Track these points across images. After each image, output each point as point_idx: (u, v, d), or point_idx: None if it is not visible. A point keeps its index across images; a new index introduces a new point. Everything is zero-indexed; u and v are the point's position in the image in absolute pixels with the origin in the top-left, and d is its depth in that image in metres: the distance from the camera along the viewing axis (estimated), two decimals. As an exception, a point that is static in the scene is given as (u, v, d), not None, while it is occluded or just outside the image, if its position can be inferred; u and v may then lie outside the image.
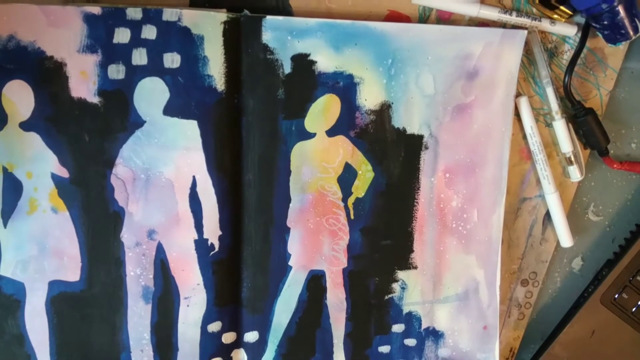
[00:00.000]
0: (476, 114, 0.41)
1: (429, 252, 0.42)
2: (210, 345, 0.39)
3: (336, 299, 0.41)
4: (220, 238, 0.38)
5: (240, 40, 0.37)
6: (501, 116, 0.41)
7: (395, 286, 0.42)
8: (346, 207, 0.40)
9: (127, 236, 0.37)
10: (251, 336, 0.40)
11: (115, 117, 0.36)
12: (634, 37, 0.39)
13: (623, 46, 0.42)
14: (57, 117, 0.35)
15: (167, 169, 0.37)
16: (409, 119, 0.40)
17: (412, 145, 0.40)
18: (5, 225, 0.36)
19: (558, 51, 0.42)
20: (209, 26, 0.36)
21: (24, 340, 0.37)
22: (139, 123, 0.36)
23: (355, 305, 0.42)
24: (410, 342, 0.43)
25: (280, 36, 0.37)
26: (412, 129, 0.40)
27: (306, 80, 0.38)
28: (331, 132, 0.39)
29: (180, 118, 0.36)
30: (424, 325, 0.43)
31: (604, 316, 0.43)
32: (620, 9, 0.37)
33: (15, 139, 0.35)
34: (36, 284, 0.37)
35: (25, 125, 0.35)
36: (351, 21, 0.38)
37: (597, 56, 0.43)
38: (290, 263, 0.40)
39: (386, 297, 0.42)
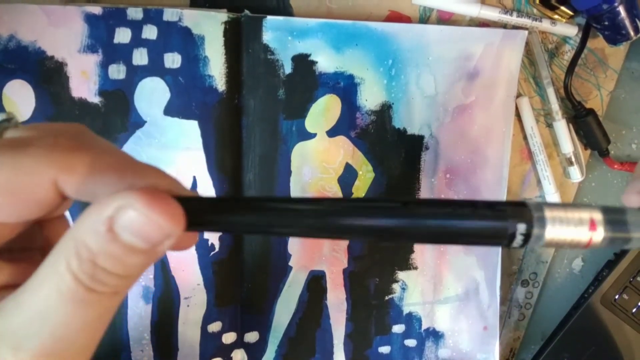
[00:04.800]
0: (477, 114, 0.41)
1: (429, 252, 0.42)
2: (211, 346, 0.39)
3: (336, 300, 0.41)
4: (221, 238, 0.38)
5: (241, 41, 0.37)
6: (502, 117, 0.41)
7: (396, 287, 0.42)
8: (346, 208, 0.40)
9: (127, 236, 0.37)
10: (251, 336, 0.40)
11: (115, 117, 0.36)
12: (634, 38, 0.39)
13: (624, 46, 0.42)
14: (57, 117, 0.35)
15: (167, 169, 0.37)
16: (410, 119, 0.40)
17: (413, 145, 0.40)
18: (5, 225, 0.36)
19: (559, 52, 0.42)
20: (209, 26, 0.36)
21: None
22: (140, 123, 0.36)
23: (356, 306, 0.41)
24: (411, 342, 0.43)
25: (281, 36, 0.37)
26: (413, 129, 0.40)
27: (307, 81, 0.38)
28: (332, 133, 0.39)
29: (181, 118, 0.36)
30: (424, 326, 0.43)
31: (604, 317, 0.43)
32: (621, 9, 0.37)
33: (16, 138, 0.35)
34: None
35: (26, 125, 0.35)
36: (352, 21, 0.38)
37: (597, 56, 0.43)
38: (290, 263, 0.40)
39: (386, 298, 0.42)
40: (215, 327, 0.39)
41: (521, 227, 0.15)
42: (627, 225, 0.16)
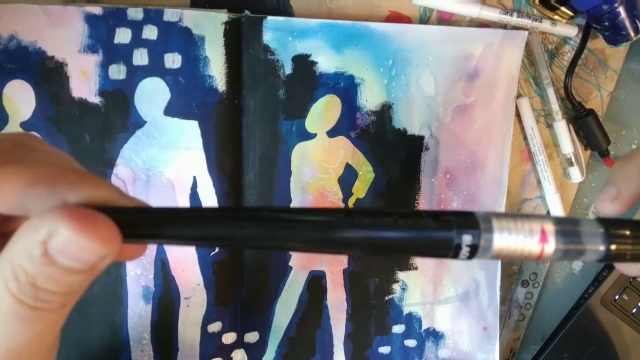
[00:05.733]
0: (477, 114, 0.41)
1: (430, 252, 0.42)
2: (211, 346, 0.39)
3: (336, 300, 0.41)
4: (221, 238, 0.38)
5: (241, 41, 0.37)
6: (502, 117, 0.41)
7: (396, 287, 0.42)
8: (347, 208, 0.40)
9: (127, 236, 0.37)
10: (251, 336, 0.40)
11: (116, 117, 0.36)
12: (634, 38, 0.39)
13: (624, 47, 0.42)
14: (58, 117, 0.35)
15: (167, 169, 0.37)
16: (410, 119, 0.40)
17: (413, 146, 0.40)
18: (5, 225, 0.36)
19: (559, 52, 0.42)
20: (209, 26, 0.36)
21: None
22: (140, 123, 0.36)
23: (356, 306, 0.41)
24: (411, 342, 0.43)
25: (281, 37, 0.37)
26: (413, 129, 0.40)
27: (307, 81, 0.38)
28: (332, 133, 0.39)
29: (181, 118, 0.36)
30: (424, 326, 0.43)
31: (604, 317, 0.43)
32: (621, 10, 0.37)
33: (16, 138, 0.35)
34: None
35: (26, 125, 0.35)
36: (352, 22, 0.38)
37: (597, 57, 0.43)
38: (290, 263, 0.40)
39: (386, 298, 0.42)
40: (215, 327, 0.39)
41: (467, 238, 0.14)
42: (581, 236, 0.15)
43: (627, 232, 0.15)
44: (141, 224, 0.15)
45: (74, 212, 0.13)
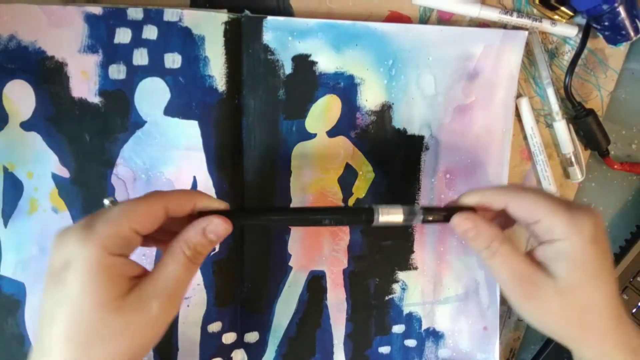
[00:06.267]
0: (477, 114, 0.41)
1: (430, 253, 0.42)
2: (211, 346, 0.39)
3: (336, 300, 0.41)
4: (221, 238, 0.38)
5: (241, 41, 0.37)
6: (502, 117, 0.41)
7: (396, 287, 0.42)
8: (347, 208, 0.40)
9: (127, 236, 0.37)
10: (251, 336, 0.40)
11: (116, 117, 0.36)
12: (634, 38, 0.39)
13: (624, 47, 0.42)
14: (57, 117, 0.35)
15: (167, 169, 0.37)
16: (410, 119, 0.40)
17: (413, 145, 0.40)
18: (5, 225, 0.36)
19: (559, 52, 0.42)
20: (209, 26, 0.36)
21: (24, 340, 0.37)
22: (140, 123, 0.36)
23: (356, 306, 0.41)
24: (411, 342, 0.43)
25: (281, 37, 0.37)
26: (413, 129, 0.40)
27: (307, 81, 0.38)
28: (332, 133, 0.39)
29: (181, 118, 0.36)
30: (424, 326, 0.43)
31: (604, 317, 0.43)
32: (621, 9, 0.37)
33: (16, 138, 0.35)
34: (37, 284, 0.37)
35: (26, 125, 0.35)
36: (352, 22, 0.38)
37: (597, 57, 0.43)
38: (290, 264, 0.40)
39: (386, 298, 0.42)
40: (215, 327, 0.39)
41: (368, 216, 0.30)
42: (415, 215, 0.30)
43: (433, 212, 0.31)
44: (235, 218, 0.28)
45: (217, 215, 0.28)
